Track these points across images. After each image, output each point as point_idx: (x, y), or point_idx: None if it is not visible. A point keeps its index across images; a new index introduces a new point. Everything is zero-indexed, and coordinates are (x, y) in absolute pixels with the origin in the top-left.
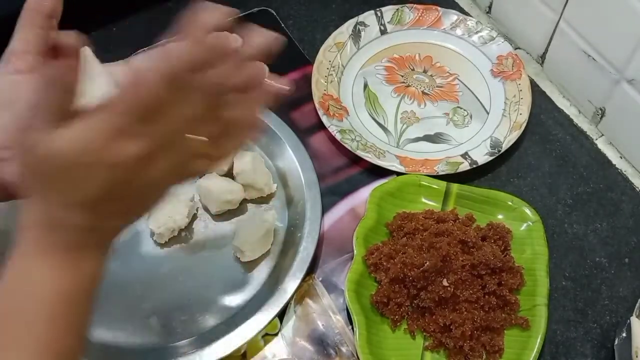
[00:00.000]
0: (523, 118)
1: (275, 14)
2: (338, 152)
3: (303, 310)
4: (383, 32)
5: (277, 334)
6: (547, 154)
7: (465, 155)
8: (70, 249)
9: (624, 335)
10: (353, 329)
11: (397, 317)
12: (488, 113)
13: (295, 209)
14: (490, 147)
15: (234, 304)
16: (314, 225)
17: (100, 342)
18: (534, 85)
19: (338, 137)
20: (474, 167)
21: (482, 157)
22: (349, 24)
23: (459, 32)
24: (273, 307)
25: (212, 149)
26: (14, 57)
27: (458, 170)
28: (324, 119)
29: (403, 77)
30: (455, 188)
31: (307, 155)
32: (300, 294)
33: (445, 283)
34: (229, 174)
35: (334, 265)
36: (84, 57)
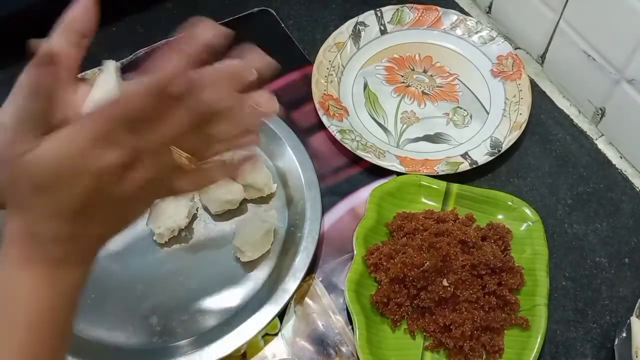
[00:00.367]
0: (523, 118)
1: (275, 14)
2: (338, 152)
3: (303, 310)
4: (383, 32)
5: (277, 334)
6: (547, 154)
7: (465, 155)
8: (51, 261)
9: (624, 335)
10: (353, 329)
11: (397, 317)
12: (488, 113)
13: (295, 209)
14: (490, 147)
15: (234, 304)
16: (314, 225)
17: (100, 342)
18: (534, 85)
19: (338, 137)
20: (474, 167)
21: (482, 157)
22: (349, 24)
23: (459, 32)
24: (273, 307)
25: (196, 171)
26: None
27: (458, 170)
28: (324, 119)
29: (403, 77)
30: (455, 188)
31: (307, 155)
32: (300, 294)
33: (445, 283)
34: None
35: (334, 265)
36: (107, 70)
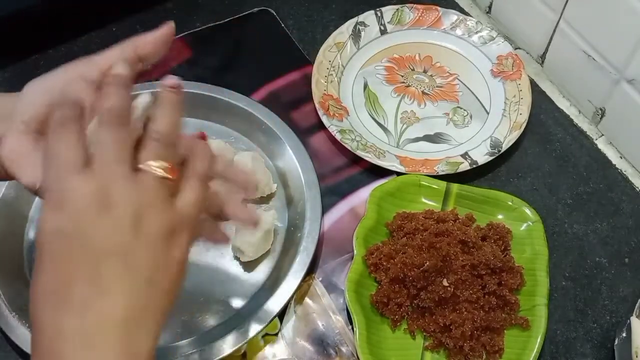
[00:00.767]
0: (523, 118)
1: (275, 14)
2: (338, 152)
3: (303, 310)
4: (383, 32)
5: (277, 334)
6: (547, 154)
7: (465, 155)
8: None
9: (624, 335)
10: (353, 329)
11: (397, 317)
12: (488, 113)
13: (295, 209)
14: (490, 147)
15: (234, 304)
16: (314, 225)
17: None
18: (534, 85)
19: (338, 137)
20: (474, 167)
21: (482, 157)
22: (349, 24)
23: (459, 32)
24: (273, 307)
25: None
26: (88, 65)
27: (458, 170)
28: (324, 119)
29: (403, 77)
30: (455, 188)
31: (307, 155)
32: (300, 294)
33: (445, 283)
34: None
35: (334, 265)
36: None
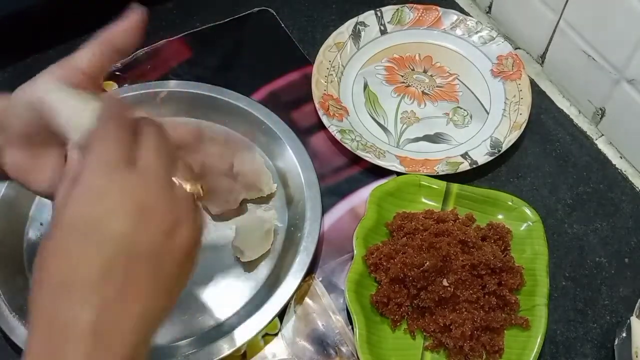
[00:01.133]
0: (523, 118)
1: (275, 14)
2: (338, 152)
3: (303, 310)
4: (383, 32)
5: (277, 334)
6: (547, 154)
7: (465, 155)
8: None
9: (624, 335)
10: (353, 329)
11: (397, 317)
12: (488, 113)
13: (295, 209)
14: (490, 147)
15: (234, 304)
16: (314, 225)
17: None
18: (534, 85)
19: (338, 137)
20: (474, 167)
21: (482, 157)
22: (349, 24)
23: (459, 32)
24: (273, 307)
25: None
26: (66, 67)
27: (458, 170)
28: (324, 119)
29: (403, 77)
30: (455, 188)
31: (307, 155)
32: (300, 294)
33: (445, 283)
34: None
35: (334, 265)
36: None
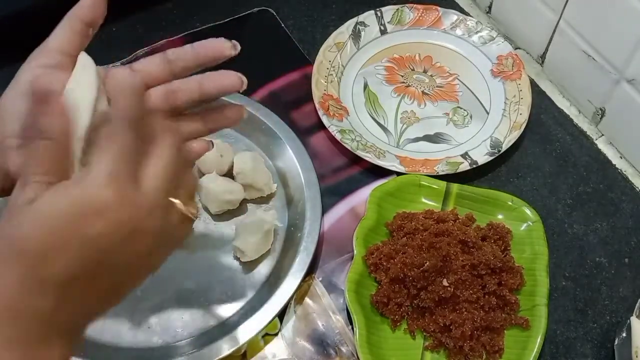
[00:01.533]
0: (523, 118)
1: (275, 14)
2: (338, 152)
3: (303, 310)
4: (383, 32)
5: (277, 334)
6: (547, 154)
7: (465, 155)
8: (30, 341)
9: (624, 335)
10: (353, 329)
11: (397, 317)
12: (488, 113)
13: (295, 209)
14: (490, 147)
15: (234, 304)
16: (314, 225)
17: (100, 342)
18: (534, 85)
19: (338, 137)
20: (474, 167)
21: (482, 157)
22: (349, 24)
23: (459, 32)
24: (273, 307)
25: (188, 210)
26: (44, 53)
27: (458, 170)
28: (324, 119)
29: (403, 77)
30: (455, 188)
31: (307, 155)
32: (300, 294)
33: (445, 283)
34: (229, 174)
35: (334, 265)
36: (80, 64)
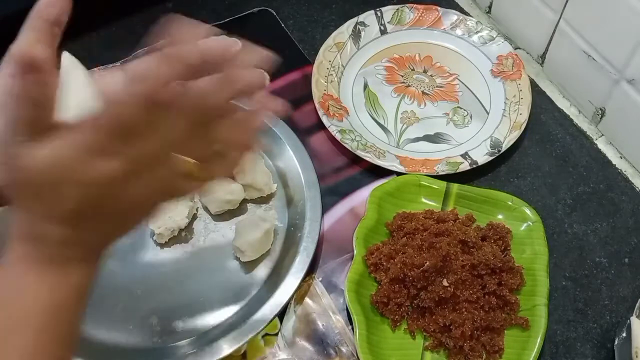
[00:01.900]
0: (523, 118)
1: (275, 14)
2: (338, 152)
3: (303, 310)
4: (383, 32)
5: (277, 334)
6: (547, 154)
7: (465, 155)
8: (55, 262)
9: (624, 335)
10: (353, 329)
11: (397, 317)
12: (488, 113)
13: (295, 209)
14: (490, 147)
15: (234, 304)
16: (314, 225)
17: (100, 342)
18: (534, 85)
19: (338, 137)
20: (474, 167)
21: (482, 157)
22: (349, 24)
23: (459, 32)
24: (273, 307)
25: (200, 171)
26: (12, 58)
27: (458, 170)
28: (324, 119)
29: (403, 77)
30: (455, 188)
31: (307, 155)
32: (300, 294)
33: (445, 283)
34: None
35: (334, 265)
36: (65, 65)
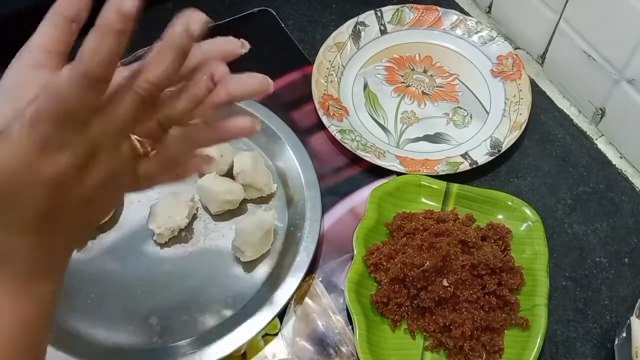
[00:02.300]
0: (523, 118)
1: (275, 14)
2: (338, 152)
3: (303, 310)
4: (383, 32)
5: (277, 334)
6: (547, 154)
7: (465, 155)
8: (18, 276)
9: (624, 335)
10: (353, 329)
11: (397, 317)
12: (488, 113)
13: (295, 209)
14: (490, 147)
15: (234, 304)
16: (314, 225)
17: (100, 342)
18: (534, 85)
19: (338, 137)
20: (474, 167)
21: (482, 157)
22: (349, 24)
23: (459, 32)
24: (273, 307)
25: (159, 152)
26: (35, 50)
27: (458, 170)
28: (324, 119)
29: (403, 77)
30: (455, 188)
31: (307, 155)
32: (300, 294)
33: (445, 283)
34: (229, 174)
35: (334, 265)
36: None
